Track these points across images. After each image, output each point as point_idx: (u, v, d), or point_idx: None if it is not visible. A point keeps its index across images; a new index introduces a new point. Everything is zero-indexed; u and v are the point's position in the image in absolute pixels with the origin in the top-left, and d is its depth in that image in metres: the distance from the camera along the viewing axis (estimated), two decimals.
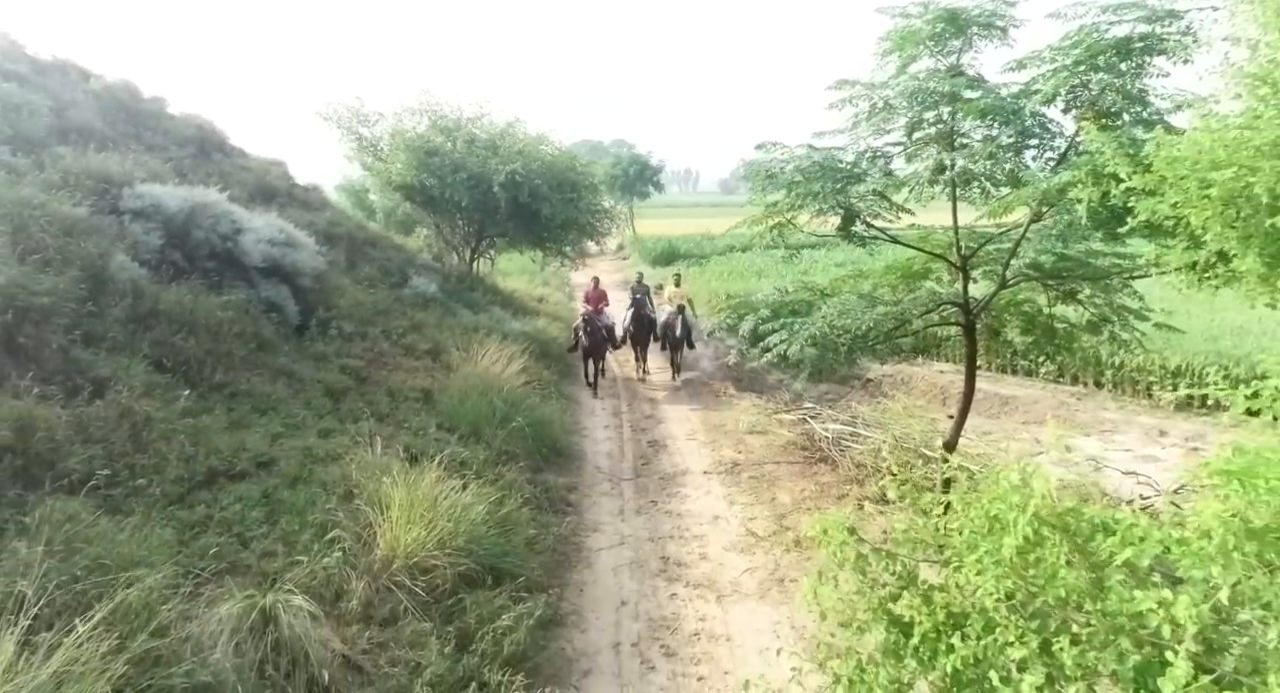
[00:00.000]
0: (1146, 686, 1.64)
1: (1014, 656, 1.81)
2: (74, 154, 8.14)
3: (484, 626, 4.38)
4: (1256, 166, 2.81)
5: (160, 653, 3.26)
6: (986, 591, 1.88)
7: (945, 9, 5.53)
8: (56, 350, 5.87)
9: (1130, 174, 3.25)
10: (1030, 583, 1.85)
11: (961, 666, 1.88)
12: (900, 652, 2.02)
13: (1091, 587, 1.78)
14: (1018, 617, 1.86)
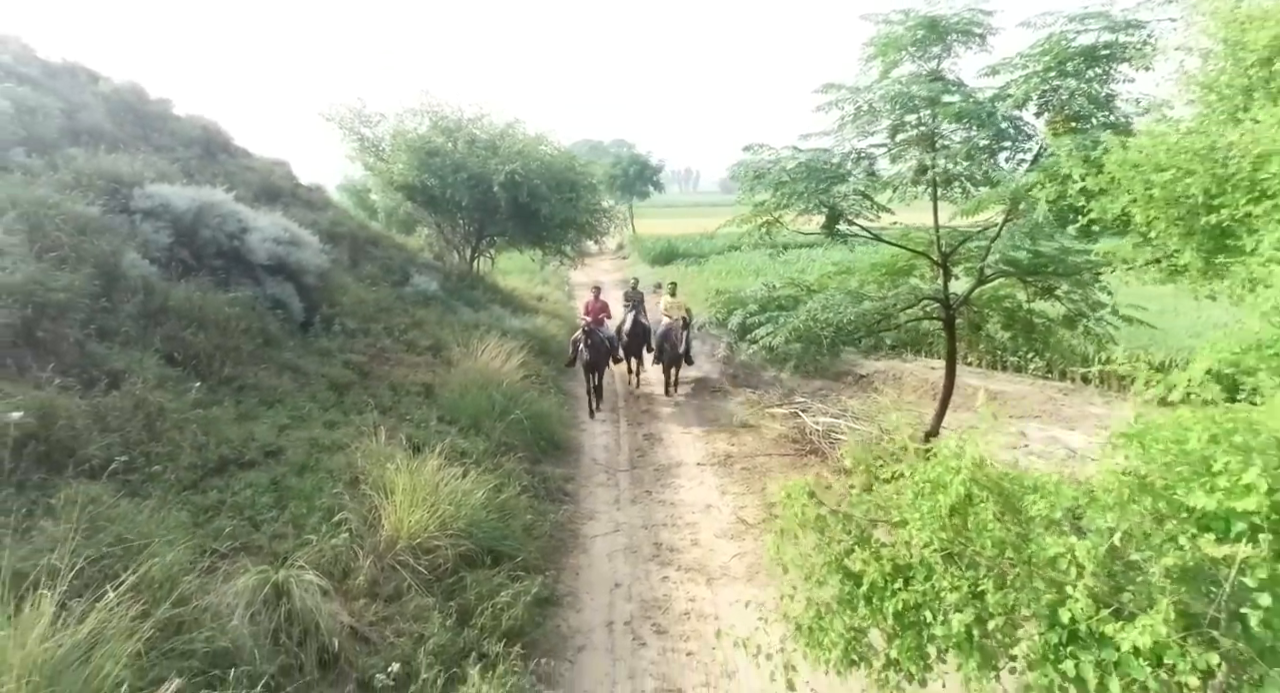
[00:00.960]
0: (1057, 620, 1.89)
1: (949, 599, 2.04)
2: (85, 155, 8.38)
3: (483, 602, 4.63)
4: (1192, 169, 3.06)
5: (182, 620, 3.51)
6: (926, 543, 2.12)
7: (926, 16, 5.77)
8: (73, 344, 6.11)
9: (1083, 176, 3.49)
10: (963, 536, 2.09)
11: (903, 609, 2.12)
12: (853, 601, 2.26)
13: (1016, 539, 2.02)
14: (953, 567, 2.10)
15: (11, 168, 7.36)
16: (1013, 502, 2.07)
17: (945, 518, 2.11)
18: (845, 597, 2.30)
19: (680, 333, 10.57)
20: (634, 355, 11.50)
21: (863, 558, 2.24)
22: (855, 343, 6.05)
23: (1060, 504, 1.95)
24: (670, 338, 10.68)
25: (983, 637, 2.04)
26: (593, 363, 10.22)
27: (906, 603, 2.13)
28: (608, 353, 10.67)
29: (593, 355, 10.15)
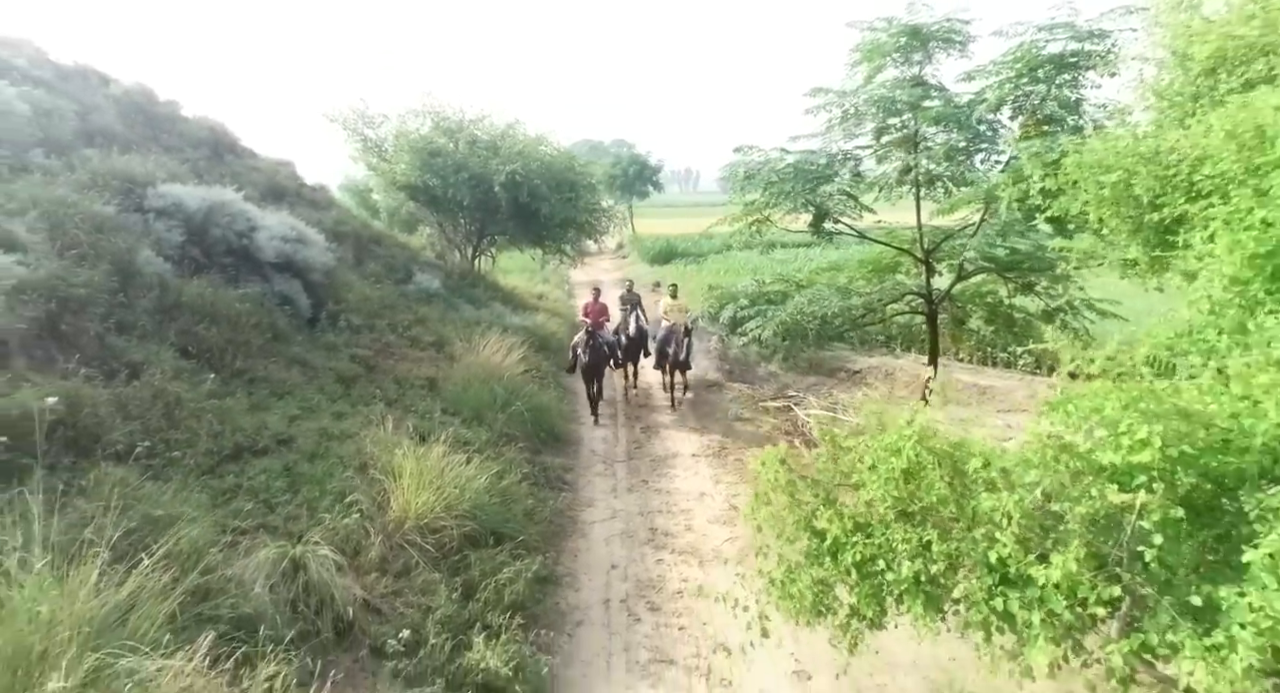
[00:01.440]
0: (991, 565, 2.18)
1: (900, 550, 2.33)
2: (100, 156, 8.66)
3: (487, 578, 4.92)
4: (1137, 171, 3.35)
5: (209, 588, 3.79)
6: (881, 501, 2.41)
7: (908, 25, 6.06)
8: (94, 337, 6.38)
9: (1042, 176, 3.77)
10: (913, 495, 2.38)
11: (861, 560, 2.41)
12: (819, 556, 2.55)
13: (958, 495, 2.31)
14: (904, 522, 2.39)
15: (31, 168, 7.63)
16: (957, 465, 2.35)
17: (898, 480, 2.39)
18: (812, 552, 2.58)
19: (682, 338, 9.88)
20: (631, 360, 11.08)
21: (827, 516, 2.53)
22: (840, 337, 6.33)
23: (995, 465, 2.23)
24: (671, 343, 10.04)
25: (929, 582, 2.32)
26: (593, 367, 9.86)
27: (864, 555, 2.42)
28: (608, 357, 10.27)
29: (593, 360, 9.79)
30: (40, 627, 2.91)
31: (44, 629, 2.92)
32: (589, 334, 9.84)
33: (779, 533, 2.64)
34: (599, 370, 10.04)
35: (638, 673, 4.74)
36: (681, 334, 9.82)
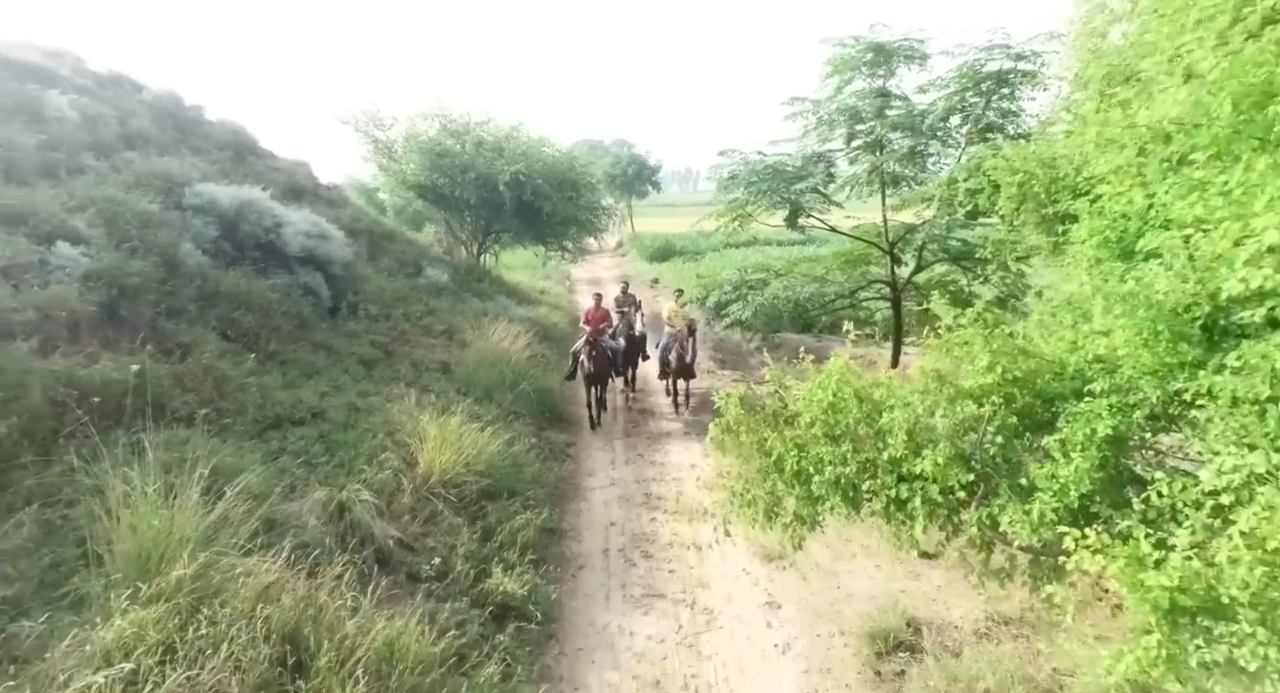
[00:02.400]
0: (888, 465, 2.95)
1: (826, 461, 3.11)
2: (140, 158, 9.43)
3: (502, 524, 5.70)
4: (1035, 173, 4.13)
5: (274, 520, 4.56)
6: (811, 425, 3.19)
7: (872, 42, 6.84)
8: (148, 321, 7.14)
9: (965, 178, 4.55)
10: (836, 420, 3.16)
11: (797, 470, 3.18)
12: (768, 472, 3.33)
13: (867, 417, 3.09)
14: (829, 442, 3.17)
15: (86, 170, 8.39)
16: (869, 394, 3.13)
17: (825, 408, 3.16)
18: (764, 469, 3.36)
19: (687, 342, 9.60)
20: (630, 364, 10.79)
21: (774, 439, 3.30)
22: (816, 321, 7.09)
23: (893, 394, 3.00)
24: (674, 350, 9.70)
25: (847, 484, 3.09)
26: (595, 375, 9.52)
27: (800, 466, 3.19)
28: (610, 365, 9.89)
29: (595, 367, 9.43)
30: (158, 535, 3.68)
31: (161, 537, 3.70)
32: (589, 343, 9.46)
33: (739, 456, 3.41)
34: (602, 379, 9.69)
35: (632, 604, 5.51)
36: (685, 336, 9.59)
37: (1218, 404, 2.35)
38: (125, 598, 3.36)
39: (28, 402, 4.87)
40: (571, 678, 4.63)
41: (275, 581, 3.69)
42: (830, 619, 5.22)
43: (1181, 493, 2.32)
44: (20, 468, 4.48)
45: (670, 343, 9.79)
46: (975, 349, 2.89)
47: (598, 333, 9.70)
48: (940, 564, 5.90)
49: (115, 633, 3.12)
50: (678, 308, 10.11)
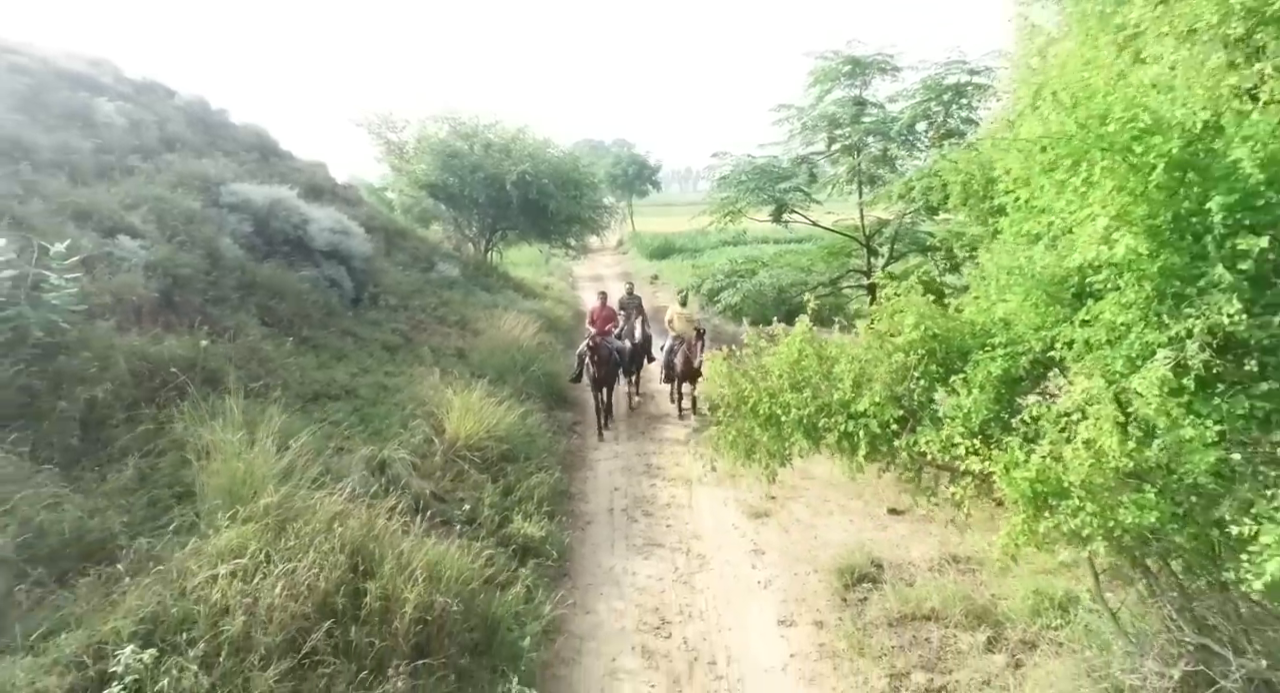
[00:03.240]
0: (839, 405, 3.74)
1: (791, 405, 3.90)
2: (179, 160, 10.21)
3: (520, 482, 6.48)
4: (973, 174, 4.91)
5: (328, 471, 5.34)
6: (780, 376, 3.97)
7: (850, 56, 7.62)
8: (197, 307, 7.92)
9: (921, 178, 5.33)
10: (799, 372, 3.95)
11: (769, 413, 3.97)
12: (745, 416, 4.12)
13: (825, 369, 3.88)
14: (794, 390, 3.96)
15: (134, 171, 9.17)
16: (825, 351, 3.92)
17: (791, 362, 3.95)
18: (743, 414, 4.15)
19: (695, 346, 9.31)
20: (635, 367, 10.61)
21: (751, 389, 4.09)
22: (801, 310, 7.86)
23: (844, 351, 3.78)
24: (678, 354, 9.54)
25: (808, 424, 3.87)
26: (601, 379, 9.24)
27: (772, 411, 3.98)
28: (617, 366, 9.62)
29: (600, 370, 9.17)
30: (243, 474, 4.47)
31: (245, 475, 4.49)
32: (593, 346, 9.20)
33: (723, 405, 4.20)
34: (608, 382, 9.38)
35: (635, 551, 6.30)
36: (694, 338, 9.34)
37: (1075, 349, 3.13)
38: (225, 518, 4.15)
39: (115, 371, 5.66)
40: (583, 605, 5.42)
41: (341, 510, 4.47)
42: (807, 562, 6.01)
43: (1045, 414, 3.10)
44: (114, 426, 5.28)
45: (675, 347, 9.63)
46: (906, 314, 3.67)
47: (603, 334, 9.43)
48: (905, 519, 6.70)
49: (224, 542, 3.90)
50: (681, 312, 9.92)
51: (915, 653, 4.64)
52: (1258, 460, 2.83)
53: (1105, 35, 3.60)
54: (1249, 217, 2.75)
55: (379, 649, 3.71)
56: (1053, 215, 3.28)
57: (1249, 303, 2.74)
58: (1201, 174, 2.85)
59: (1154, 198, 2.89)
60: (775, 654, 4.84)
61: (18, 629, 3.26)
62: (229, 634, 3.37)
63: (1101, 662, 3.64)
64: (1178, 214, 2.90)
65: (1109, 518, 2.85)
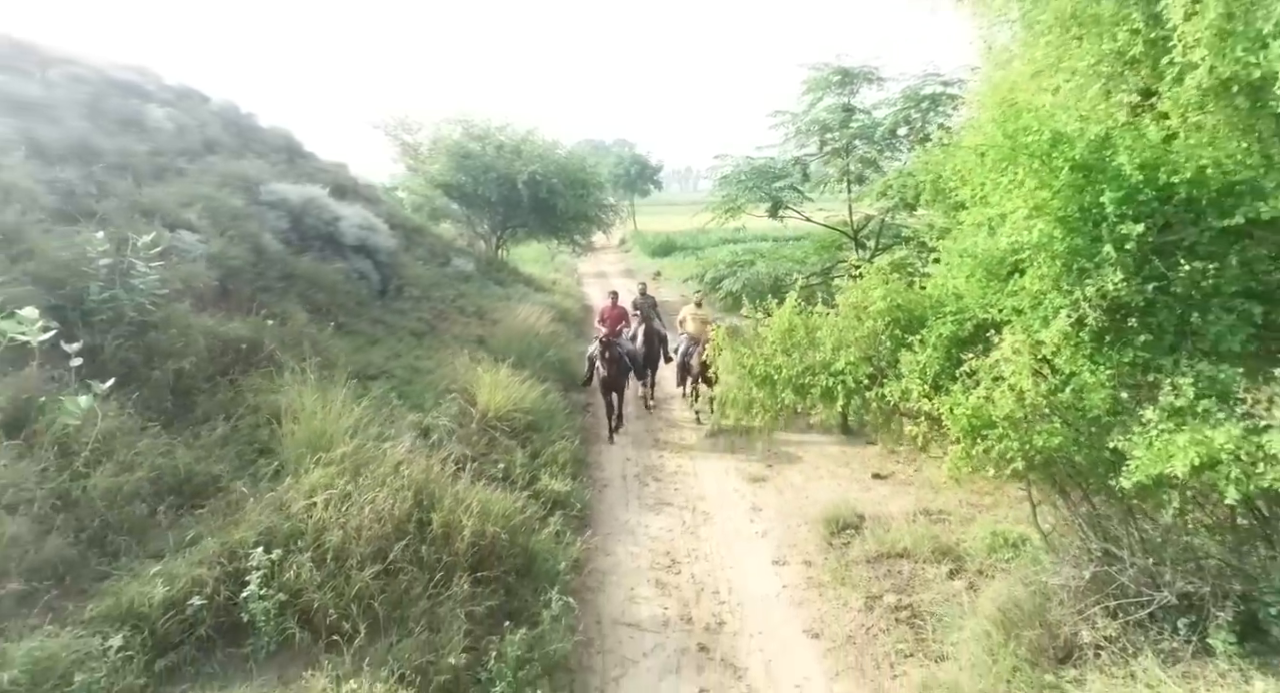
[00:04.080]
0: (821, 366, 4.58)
1: (782, 366, 4.73)
2: (220, 161, 11.03)
3: (544, 448, 7.31)
4: (940, 173, 5.72)
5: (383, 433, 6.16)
6: (774, 343, 4.81)
7: (840, 68, 8.44)
8: (248, 295, 8.75)
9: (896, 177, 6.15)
10: (789, 339, 4.78)
11: (764, 375, 4.80)
12: (745, 379, 4.95)
13: (809, 338, 4.71)
14: (786, 353, 4.79)
15: (184, 172, 9.99)
16: (812, 322, 4.74)
17: (783, 332, 4.77)
18: (744, 376, 4.97)
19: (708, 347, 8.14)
20: (650, 366, 10.32)
21: (751, 356, 4.92)
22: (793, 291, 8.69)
23: (826, 321, 4.60)
24: (694, 355, 9.26)
25: (797, 382, 4.70)
26: (611, 381, 9.02)
27: (767, 372, 4.80)
28: (628, 369, 9.43)
29: (611, 372, 8.97)
30: (320, 428, 5.30)
31: (322, 429, 5.32)
32: (605, 344, 9.00)
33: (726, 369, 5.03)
34: (619, 384, 9.16)
35: (647, 508, 7.13)
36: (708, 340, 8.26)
37: (1005, 314, 3.94)
38: (311, 462, 4.97)
39: (195, 346, 6.48)
40: (604, 548, 6.24)
41: (404, 458, 5.29)
42: (798, 516, 6.83)
43: (981, 364, 3.91)
44: (199, 392, 6.11)
45: (690, 348, 9.50)
46: (876, 290, 4.49)
47: (613, 335, 9.23)
48: (887, 483, 7.52)
49: (314, 479, 4.73)
50: (696, 312, 9.81)
51: (888, 581, 5.46)
52: (1139, 397, 3.65)
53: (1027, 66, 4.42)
54: (1131, 209, 3.57)
55: (445, 563, 4.53)
56: (991, 207, 4.09)
57: (1130, 275, 3.56)
58: (1097, 176, 3.67)
59: (1063, 194, 3.72)
60: (769, 585, 5.66)
61: (169, 538, 4.09)
62: (330, 544, 4.20)
63: (1034, 572, 4.46)
64: (1081, 207, 3.72)
65: (1026, 443, 3.68)
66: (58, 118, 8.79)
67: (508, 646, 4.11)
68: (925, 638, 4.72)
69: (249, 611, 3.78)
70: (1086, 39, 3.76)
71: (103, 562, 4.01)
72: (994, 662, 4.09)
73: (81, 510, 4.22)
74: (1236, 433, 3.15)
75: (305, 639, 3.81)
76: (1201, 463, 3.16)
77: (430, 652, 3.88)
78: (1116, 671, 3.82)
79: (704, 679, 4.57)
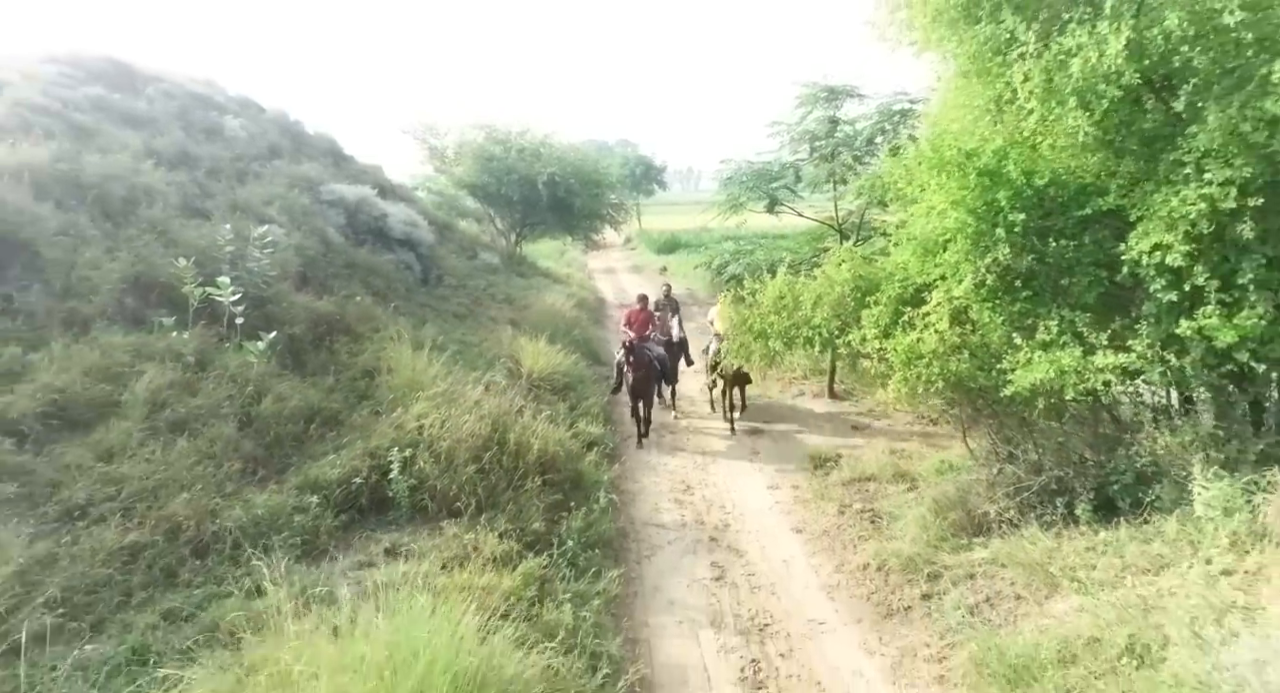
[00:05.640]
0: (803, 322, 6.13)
1: (774, 323, 6.28)
2: (284, 164, 12.57)
3: (579, 403, 8.83)
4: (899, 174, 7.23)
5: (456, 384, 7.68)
6: (768, 307, 6.34)
7: (827, 86, 9.95)
8: (322, 280, 10.29)
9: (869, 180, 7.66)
10: (779, 302, 6.32)
11: (760, 329, 6.35)
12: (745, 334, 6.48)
13: (795, 300, 6.25)
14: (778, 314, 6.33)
15: (261, 174, 11.52)
16: (797, 289, 6.26)
17: (775, 298, 6.29)
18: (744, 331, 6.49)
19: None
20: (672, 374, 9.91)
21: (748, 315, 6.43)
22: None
23: (808, 288, 6.11)
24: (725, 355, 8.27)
25: (785, 334, 6.21)
26: (639, 388, 8.76)
27: (762, 327, 6.32)
28: (659, 376, 9.26)
29: (639, 377, 8.70)
30: (416, 375, 6.83)
31: (417, 375, 6.84)
32: (629, 349, 8.79)
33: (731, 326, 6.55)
34: (646, 391, 8.91)
35: (664, 452, 8.66)
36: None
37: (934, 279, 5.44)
38: (412, 400, 6.49)
39: (299, 317, 8.01)
40: (631, 477, 7.77)
41: (480, 398, 6.82)
42: (791, 458, 8.34)
43: (915, 315, 5.41)
44: (306, 352, 7.63)
45: (722, 347, 8.66)
46: (844, 264, 5.99)
47: (641, 338, 9.05)
48: (865, 433, 9.03)
49: (418, 410, 6.25)
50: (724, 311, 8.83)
51: (857, 496, 6.98)
52: (1023, 336, 5.15)
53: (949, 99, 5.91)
54: (1017, 203, 5.07)
55: (520, 468, 6.04)
56: (927, 202, 5.60)
57: (1017, 250, 5.07)
58: (997, 180, 5.18)
59: (973, 193, 5.22)
60: (764, 501, 7.18)
61: (329, 440, 5.62)
62: (441, 450, 5.72)
63: (960, 476, 5.98)
64: (985, 202, 5.21)
65: (945, 369, 5.19)
66: (162, 129, 10.33)
67: (572, 521, 5.64)
68: (881, 529, 6.23)
69: (393, 489, 5.31)
70: (982, 85, 5.26)
71: (280, 460, 5.55)
72: (927, 535, 5.60)
73: (259, 425, 5.75)
74: (1077, 356, 4.66)
75: (432, 509, 5.34)
76: (1054, 375, 4.67)
77: (519, 521, 5.40)
78: (1011, 535, 5.33)
79: (714, 557, 6.09)
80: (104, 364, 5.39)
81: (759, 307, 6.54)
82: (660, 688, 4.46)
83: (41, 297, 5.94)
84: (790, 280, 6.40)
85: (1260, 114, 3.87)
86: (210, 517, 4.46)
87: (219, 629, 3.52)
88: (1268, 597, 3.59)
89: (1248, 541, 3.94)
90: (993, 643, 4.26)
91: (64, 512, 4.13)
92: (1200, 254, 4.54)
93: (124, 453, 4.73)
